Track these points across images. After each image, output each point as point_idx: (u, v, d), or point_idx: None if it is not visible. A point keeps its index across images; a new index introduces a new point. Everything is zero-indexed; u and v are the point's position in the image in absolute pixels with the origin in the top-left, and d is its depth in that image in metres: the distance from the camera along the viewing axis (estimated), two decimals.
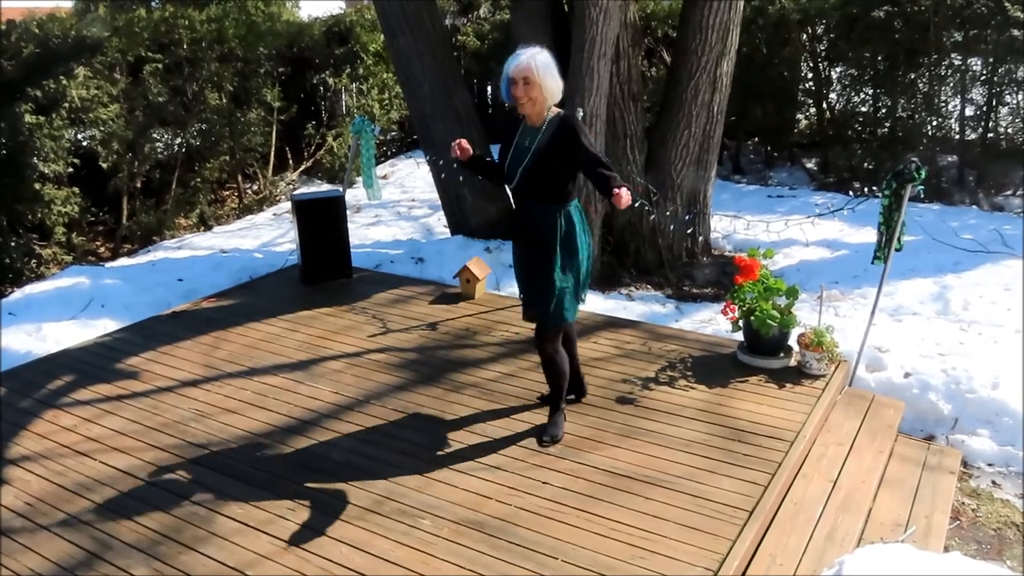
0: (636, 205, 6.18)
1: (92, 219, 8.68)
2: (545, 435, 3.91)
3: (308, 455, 3.85)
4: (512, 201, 3.82)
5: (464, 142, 3.73)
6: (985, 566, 2.98)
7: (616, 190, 3.35)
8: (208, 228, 9.22)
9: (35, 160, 7.59)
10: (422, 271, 6.68)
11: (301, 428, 4.09)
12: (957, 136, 8.94)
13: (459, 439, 3.95)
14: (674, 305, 6.17)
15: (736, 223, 7.27)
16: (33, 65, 7.68)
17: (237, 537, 3.26)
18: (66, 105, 7.92)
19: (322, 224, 6.06)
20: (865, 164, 9.29)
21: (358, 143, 6.48)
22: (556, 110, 3.62)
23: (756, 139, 10.90)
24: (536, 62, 3.48)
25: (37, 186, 7.63)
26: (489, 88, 12.33)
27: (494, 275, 6.14)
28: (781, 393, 4.34)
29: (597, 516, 3.34)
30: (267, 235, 8.43)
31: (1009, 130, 8.85)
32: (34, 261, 7.73)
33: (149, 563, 3.12)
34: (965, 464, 4.27)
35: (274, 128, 10.22)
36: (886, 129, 9.29)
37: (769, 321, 4.50)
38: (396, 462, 3.77)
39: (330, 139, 10.77)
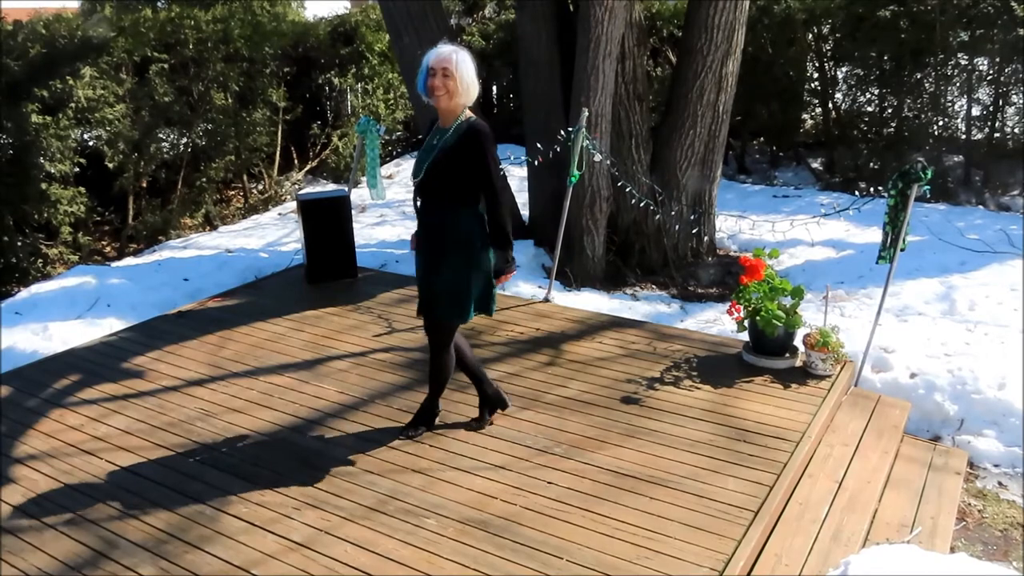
0: (641, 205, 6.19)
1: (98, 219, 8.70)
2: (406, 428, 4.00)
3: (313, 454, 3.86)
4: (415, 198, 3.75)
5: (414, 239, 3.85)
6: (991, 567, 2.97)
7: (503, 273, 3.63)
8: (214, 228, 9.23)
9: (41, 160, 7.60)
10: None
11: (306, 427, 4.10)
12: (963, 136, 8.92)
13: (464, 438, 3.95)
14: (679, 305, 6.16)
15: (741, 223, 7.26)
16: (39, 65, 7.70)
17: (243, 536, 3.27)
18: (72, 105, 7.95)
19: (327, 224, 6.06)
20: (871, 164, 9.27)
21: (363, 143, 6.49)
22: (469, 114, 3.59)
23: (761, 139, 10.88)
24: (458, 56, 3.47)
25: (43, 186, 7.65)
26: (494, 88, 12.34)
27: None
28: (786, 393, 4.34)
29: (602, 516, 3.34)
30: (272, 235, 8.44)
31: (1016, 130, 8.82)
32: (40, 260, 7.75)
33: (155, 562, 3.13)
34: (971, 465, 4.25)
35: (279, 128, 10.24)
36: (892, 129, 9.28)
37: (774, 321, 4.50)
38: (401, 461, 3.77)
39: (335, 139, 10.78)
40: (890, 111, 9.31)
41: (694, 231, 6.88)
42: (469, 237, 3.60)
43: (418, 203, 3.72)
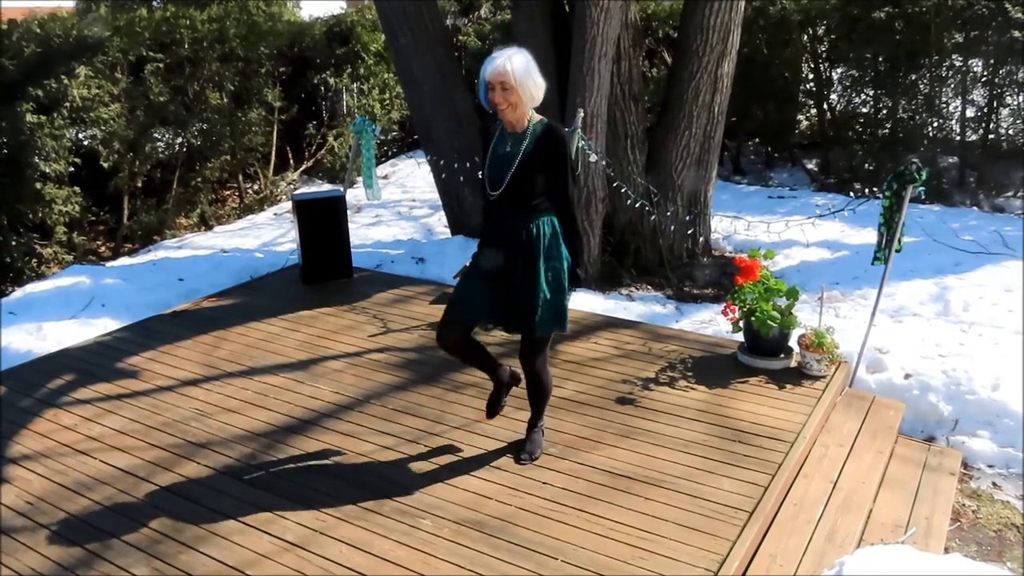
0: (637, 205, 6.20)
1: (93, 218, 8.68)
2: (523, 452, 3.80)
3: (308, 455, 3.85)
4: (488, 211, 3.57)
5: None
6: (985, 567, 2.98)
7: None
8: (209, 228, 9.22)
9: (36, 159, 7.59)
10: (422, 271, 6.68)
11: (301, 428, 4.09)
12: (958, 137, 8.94)
13: (459, 439, 3.95)
14: (674, 305, 6.17)
15: (736, 224, 7.26)
16: (34, 65, 7.69)
17: (237, 536, 3.27)
18: (67, 104, 7.93)
19: (323, 224, 6.06)
20: (866, 165, 9.28)
21: (359, 143, 6.49)
22: (539, 117, 3.46)
23: (757, 140, 10.90)
24: (513, 65, 3.26)
25: (38, 185, 7.63)
26: None
27: None
28: (781, 394, 4.34)
29: (597, 516, 3.34)
30: (268, 235, 8.43)
31: (1010, 131, 8.84)
32: (35, 260, 7.73)
33: (149, 562, 3.13)
34: (965, 465, 4.27)
35: (275, 128, 10.23)
36: (887, 130, 9.29)
37: (769, 322, 4.50)
38: (396, 462, 3.77)
39: (331, 139, 10.78)
40: (885, 112, 9.33)
41: (689, 232, 6.88)
42: (556, 243, 3.50)
43: (489, 216, 3.57)
